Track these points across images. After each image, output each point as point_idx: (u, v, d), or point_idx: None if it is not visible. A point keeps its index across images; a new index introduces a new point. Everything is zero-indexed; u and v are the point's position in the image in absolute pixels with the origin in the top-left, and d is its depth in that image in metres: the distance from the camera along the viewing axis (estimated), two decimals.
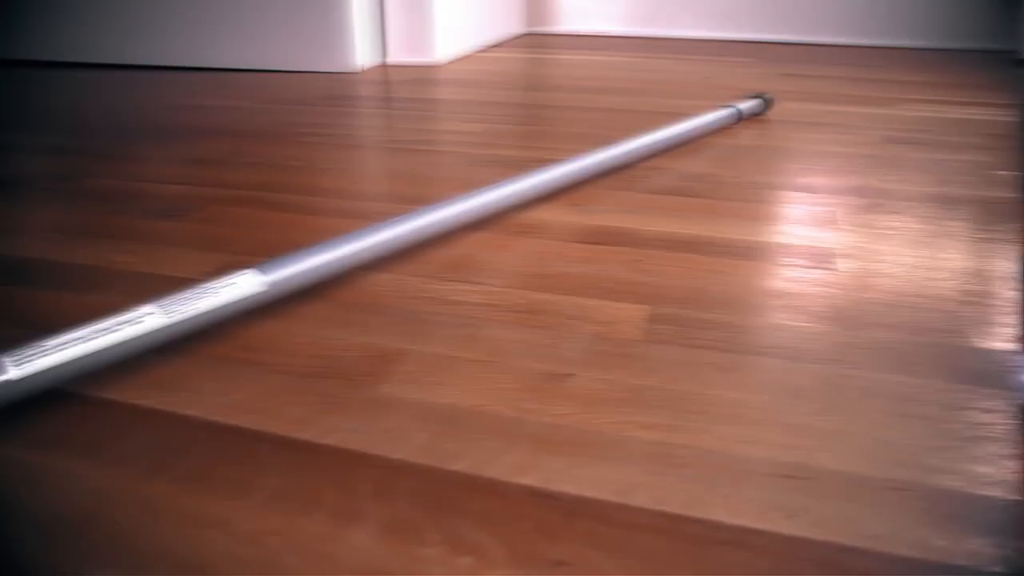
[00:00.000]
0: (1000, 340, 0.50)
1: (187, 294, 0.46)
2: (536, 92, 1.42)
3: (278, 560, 0.32)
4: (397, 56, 1.68)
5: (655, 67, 1.73)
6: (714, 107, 1.08)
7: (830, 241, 0.67)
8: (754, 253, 0.64)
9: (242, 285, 0.48)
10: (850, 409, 0.43)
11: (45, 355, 0.40)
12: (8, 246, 0.67)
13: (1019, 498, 0.36)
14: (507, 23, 2.18)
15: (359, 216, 0.73)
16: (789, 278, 0.59)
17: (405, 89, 1.43)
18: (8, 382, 0.39)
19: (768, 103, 1.14)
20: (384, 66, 1.69)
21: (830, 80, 1.55)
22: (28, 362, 0.40)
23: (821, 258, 0.63)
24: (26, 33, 1.72)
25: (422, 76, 1.57)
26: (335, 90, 1.42)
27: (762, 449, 0.39)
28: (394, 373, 0.46)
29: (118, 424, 0.41)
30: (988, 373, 0.46)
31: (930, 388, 0.45)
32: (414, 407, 0.42)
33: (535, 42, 2.20)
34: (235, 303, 0.47)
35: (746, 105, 1.09)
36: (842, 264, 0.62)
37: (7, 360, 0.39)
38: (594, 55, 1.95)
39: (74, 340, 0.41)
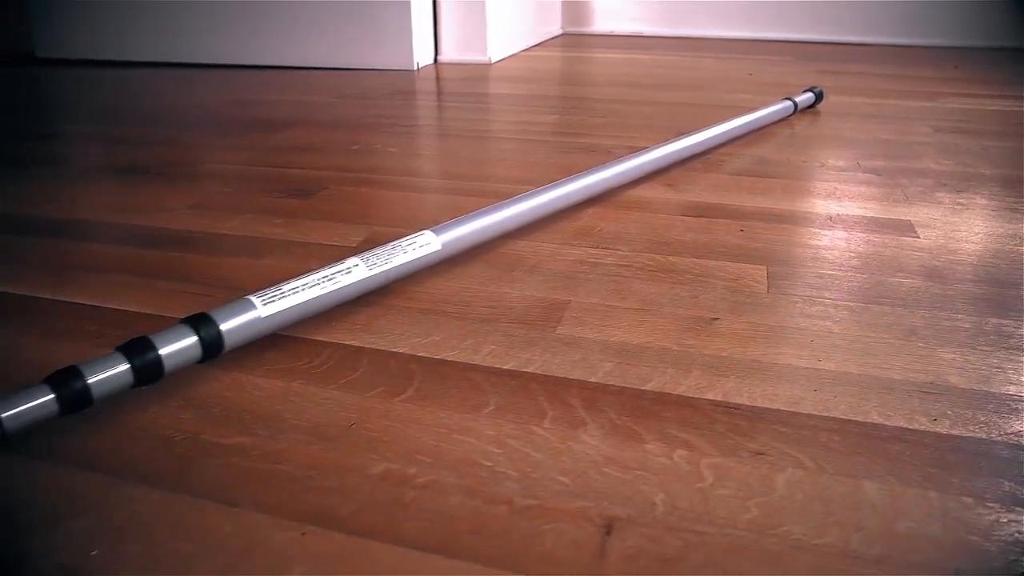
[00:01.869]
0: None
1: (380, 250, 0.53)
2: (592, 87, 1.50)
3: (525, 456, 0.39)
4: (450, 55, 1.76)
5: (698, 65, 1.81)
6: (766, 101, 1.15)
7: (907, 214, 0.74)
8: (842, 224, 0.71)
9: (424, 243, 0.55)
10: (962, 343, 0.50)
11: (284, 297, 0.47)
12: (162, 220, 0.74)
13: None
14: (547, 24, 2.25)
15: (472, 194, 0.80)
16: (881, 243, 0.67)
17: (468, 85, 1.51)
18: (258, 319, 0.46)
19: (820, 96, 1.21)
20: (437, 64, 1.76)
21: (868, 76, 1.62)
22: (272, 302, 0.47)
23: (903, 228, 0.71)
24: (116, 36, 1.80)
25: (478, 73, 1.65)
26: (399, 86, 1.49)
27: (897, 372, 0.46)
28: (564, 319, 0.53)
29: (344, 359, 0.48)
30: None
31: None
32: (591, 344, 0.50)
33: (574, 42, 2.28)
34: (419, 259, 0.54)
35: (801, 98, 1.16)
36: (923, 233, 0.69)
37: (255, 299, 0.46)
38: (635, 54, 2.02)
39: (304, 285, 0.48)
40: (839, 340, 0.50)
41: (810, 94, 1.19)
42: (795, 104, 1.14)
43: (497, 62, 1.79)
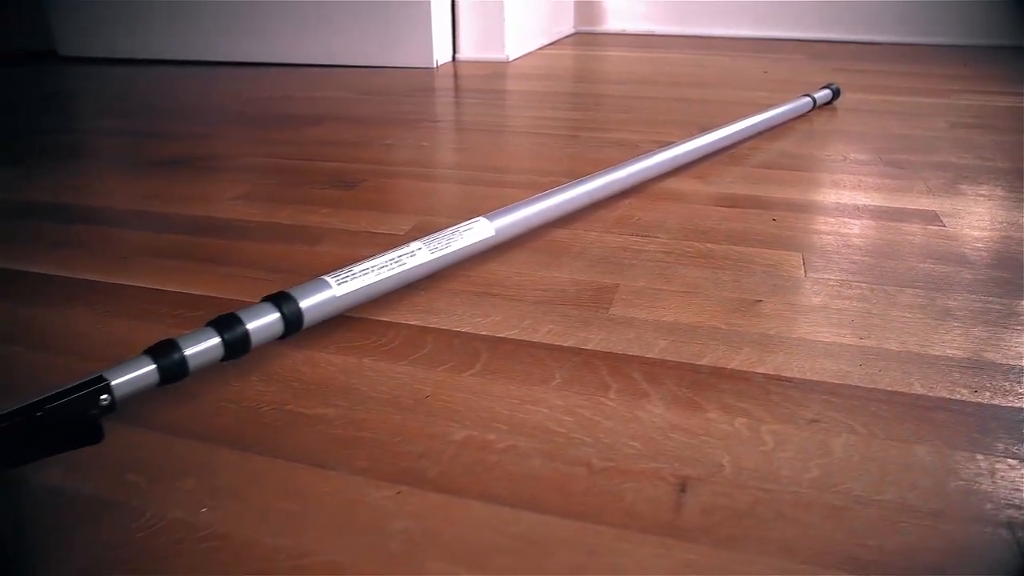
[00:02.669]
0: None
1: (439, 234, 0.56)
2: (611, 84, 1.52)
3: (594, 424, 0.42)
4: (467, 53, 1.79)
5: (712, 63, 1.83)
6: (783, 98, 1.18)
7: (931, 205, 0.77)
8: (869, 214, 0.74)
9: (479, 229, 0.58)
10: (995, 323, 0.52)
11: (355, 278, 0.50)
12: (211, 210, 0.77)
13: None
14: (560, 23, 2.28)
15: (510, 186, 0.83)
16: (909, 232, 0.69)
17: (489, 82, 1.53)
18: (333, 297, 0.49)
19: (837, 93, 1.24)
20: (455, 62, 1.79)
21: (880, 74, 1.65)
22: (345, 283, 0.49)
23: (929, 218, 0.73)
24: (138, 34, 1.82)
25: (496, 71, 1.68)
26: (421, 83, 1.52)
27: (936, 349, 0.49)
28: (615, 301, 0.56)
29: (410, 337, 0.51)
30: None
31: None
32: (644, 323, 0.52)
33: (587, 40, 2.31)
34: (475, 244, 0.57)
35: (819, 94, 1.19)
36: (949, 222, 0.72)
37: (330, 279, 0.49)
38: (648, 52, 2.05)
39: (374, 267, 0.51)
40: (878, 320, 0.53)
41: (827, 91, 1.22)
42: (814, 100, 1.17)
43: (514, 60, 1.82)
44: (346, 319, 0.53)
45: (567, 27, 2.38)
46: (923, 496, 0.36)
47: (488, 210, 0.62)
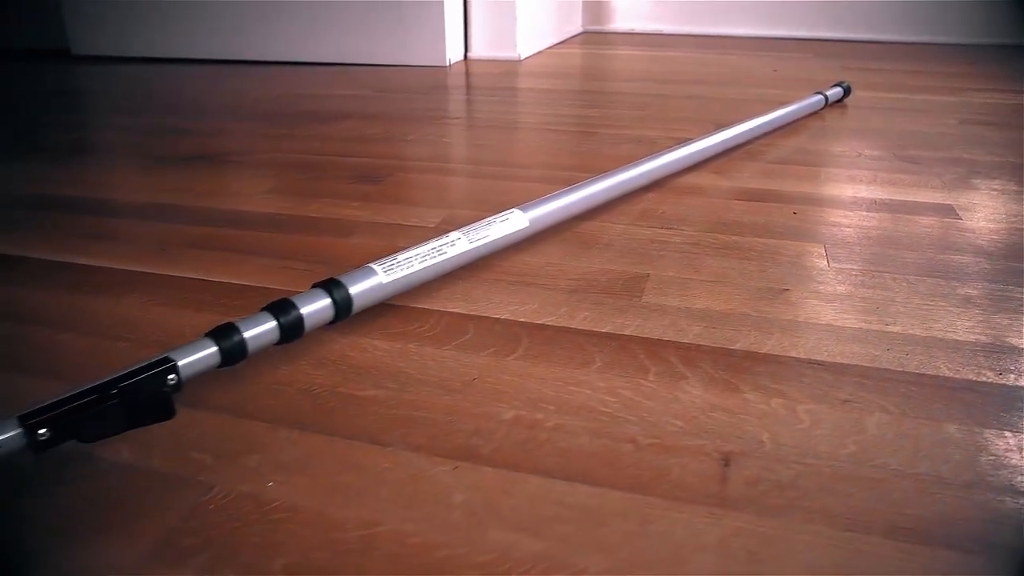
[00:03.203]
0: None
1: (476, 225, 0.58)
2: (624, 82, 1.54)
3: (637, 404, 0.44)
4: (479, 52, 1.81)
5: (722, 62, 1.85)
6: (795, 95, 1.20)
7: (947, 199, 0.79)
8: (887, 208, 0.76)
9: (514, 220, 0.59)
10: (1016, 311, 0.54)
11: (400, 266, 0.52)
12: (242, 203, 0.78)
13: None
14: (569, 22, 2.30)
15: (534, 180, 0.85)
16: (926, 224, 0.71)
17: (503, 80, 1.55)
18: (380, 284, 0.51)
19: (847, 91, 1.26)
20: (467, 60, 1.81)
21: (889, 73, 1.67)
22: (391, 271, 0.51)
23: (945, 211, 0.75)
24: (150, 33, 1.84)
25: (509, 69, 1.69)
26: (435, 81, 1.54)
27: (960, 335, 0.51)
28: (646, 289, 0.57)
29: (452, 324, 0.53)
30: None
31: None
32: (677, 311, 0.54)
33: (595, 39, 2.33)
34: (511, 234, 0.59)
35: (831, 92, 1.21)
36: (965, 215, 0.74)
37: (377, 267, 0.51)
38: (658, 51, 2.07)
39: (417, 255, 0.53)
40: (902, 307, 0.55)
41: (839, 88, 1.24)
42: (826, 98, 1.19)
43: (526, 59, 1.84)
44: (387, 307, 0.55)
45: (575, 26, 2.40)
46: (956, 470, 0.38)
47: (514, 203, 0.64)
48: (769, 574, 0.32)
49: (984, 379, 0.46)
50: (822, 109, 1.21)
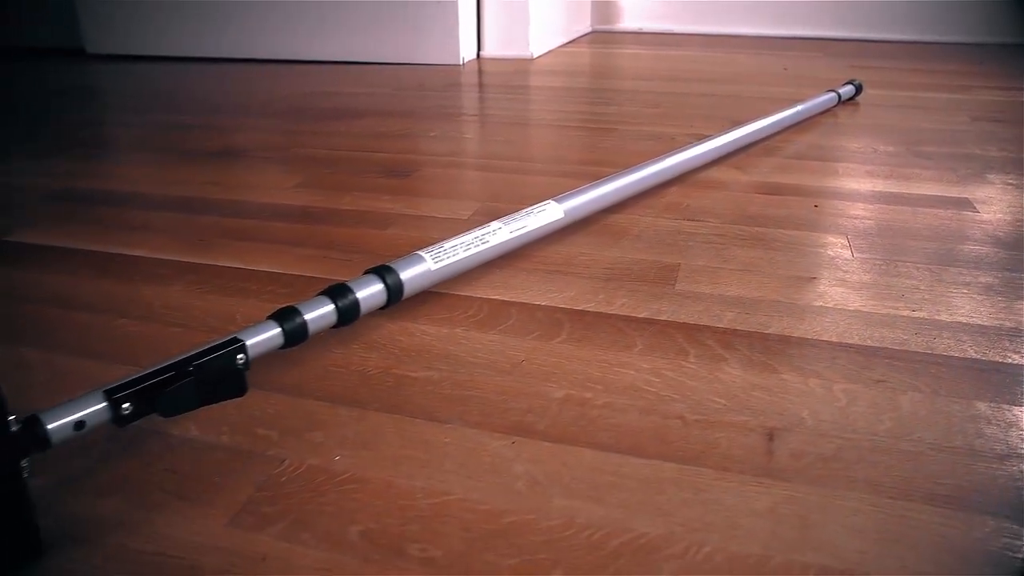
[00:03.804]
0: None
1: (515, 216, 0.60)
2: (637, 81, 1.56)
3: (681, 383, 0.46)
4: (492, 50, 1.83)
5: (732, 60, 1.87)
6: (807, 93, 1.22)
7: (963, 193, 0.81)
8: (905, 201, 0.78)
9: (550, 211, 0.62)
10: None
11: (447, 254, 0.54)
12: (275, 197, 0.80)
13: None
14: (579, 21, 2.33)
15: (560, 175, 0.87)
16: (945, 217, 0.73)
17: (517, 78, 1.57)
18: (429, 271, 0.53)
19: (859, 89, 1.28)
20: (480, 59, 1.83)
21: (898, 71, 1.69)
22: (439, 259, 0.53)
23: (962, 204, 0.77)
24: (167, 32, 1.86)
25: (521, 68, 1.71)
26: (450, 79, 1.56)
27: (984, 320, 0.53)
28: (678, 278, 0.60)
29: (495, 310, 0.55)
30: None
31: None
32: (710, 298, 0.56)
33: (605, 39, 2.35)
34: (548, 224, 0.61)
35: (843, 90, 1.23)
36: (982, 208, 0.76)
37: (425, 254, 0.53)
38: (667, 50, 2.09)
39: (462, 244, 0.55)
40: (926, 295, 0.57)
41: (851, 86, 1.26)
42: (838, 95, 1.21)
43: (538, 57, 1.86)
44: (431, 294, 0.57)
45: (585, 25, 2.42)
46: (989, 443, 0.40)
47: (542, 197, 0.66)
48: (819, 537, 0.34)
49: (1010, 361, 0.48)
50: (835, 107, 1.23)
